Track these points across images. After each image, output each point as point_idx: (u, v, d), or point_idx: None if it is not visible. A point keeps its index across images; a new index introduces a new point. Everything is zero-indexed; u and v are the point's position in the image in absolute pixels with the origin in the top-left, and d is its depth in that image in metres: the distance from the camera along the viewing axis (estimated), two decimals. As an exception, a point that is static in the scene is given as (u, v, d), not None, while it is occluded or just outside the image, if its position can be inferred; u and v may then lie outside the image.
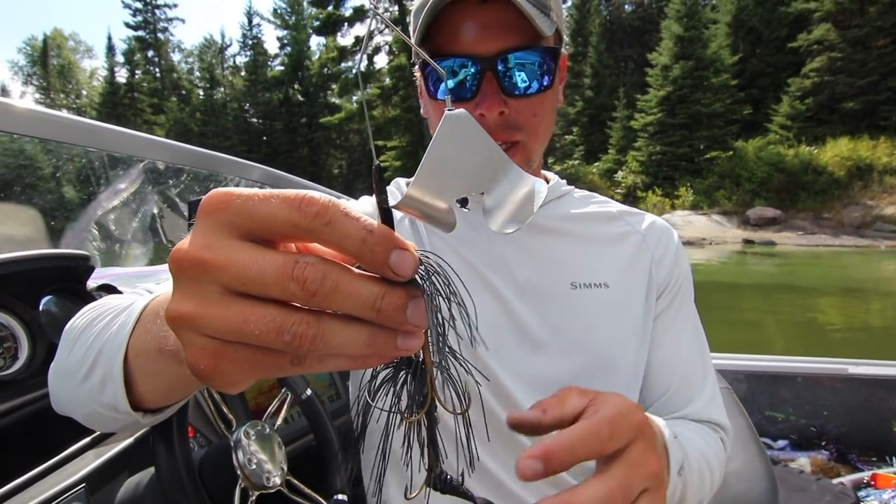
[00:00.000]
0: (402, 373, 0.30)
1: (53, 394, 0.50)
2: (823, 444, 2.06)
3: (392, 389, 0.30)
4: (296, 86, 41.39)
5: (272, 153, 39.49)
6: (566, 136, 33.31)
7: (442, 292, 0.26)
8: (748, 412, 2.11)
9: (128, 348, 0.40)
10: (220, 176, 1.38)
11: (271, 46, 46.61)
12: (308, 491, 0.73)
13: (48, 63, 47.22)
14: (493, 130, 0.63)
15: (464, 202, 0.27)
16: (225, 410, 0.76)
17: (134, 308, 0.42)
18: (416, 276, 0.24)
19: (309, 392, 0.79)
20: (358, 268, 0.24)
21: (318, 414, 0.78)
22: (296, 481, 0.72)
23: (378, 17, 0.28)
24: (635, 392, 0.73)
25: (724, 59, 25.81)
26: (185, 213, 1.15)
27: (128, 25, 44.52)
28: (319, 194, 0.23)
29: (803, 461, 1.98)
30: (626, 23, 36.07)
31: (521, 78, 0.62)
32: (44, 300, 0.98)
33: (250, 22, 44.25)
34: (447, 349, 0.28)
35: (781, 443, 2.09)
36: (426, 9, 0.60)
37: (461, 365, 0.30)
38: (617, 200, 0.83)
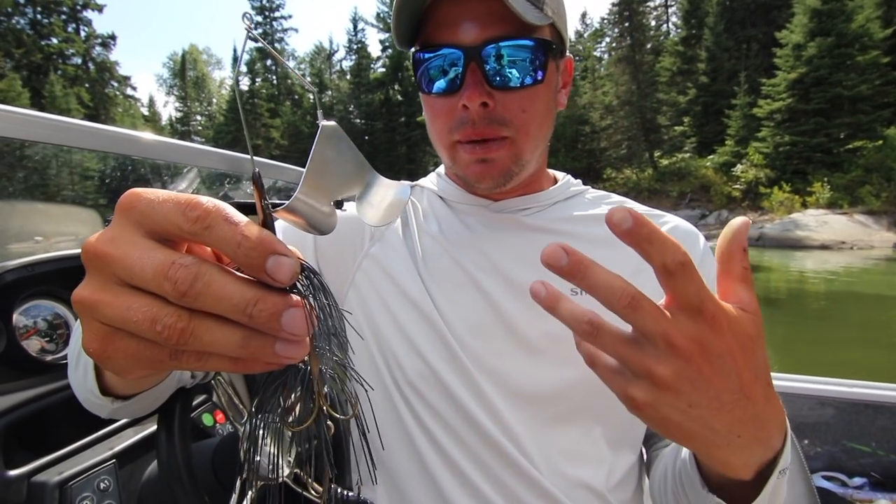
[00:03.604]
0: (289, 382, 0.31)
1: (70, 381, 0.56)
2: (914, 485, 1.67)
3: (281, 398, 0.31)
4: (396, 86, 42.91)
5: (373, 151, 41.43)
6: (675, 128, 30.92)
7: (325, 300, 0.27)
8: (822, 442, 1.74)
9: None
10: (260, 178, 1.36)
11: (374, 49, 48.84)
12: (314, 484, 0.69)
13: (185, 75, 53.68)
14: (477, 123, 0.61)
15: (339, 205, 0.29)
16: (236, 402, 0.78)
17: None
18: (300, 286, 0.26)
19: (325, 390, 0.71)
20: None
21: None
22: (303, 475, 0.68)
23: (250, 34, 0.29)
24: None
25: (874, 33, 22.12)
26: None
27: (250, 38, 49.02)
28: (207, 199, 0.24)
29: (883, 503, 1.68)
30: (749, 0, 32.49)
31: (509, 70, 0.60)
32: None
33: (355, 27, 46.65)
34: (333, 357, 0.29)
35: (858, 480, 1.77)
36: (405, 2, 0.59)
37: (350, 373, 0.31)
38: (735, 197, 0.58)
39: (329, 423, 0.32)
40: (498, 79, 0.60)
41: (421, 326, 0.66)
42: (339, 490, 0.45)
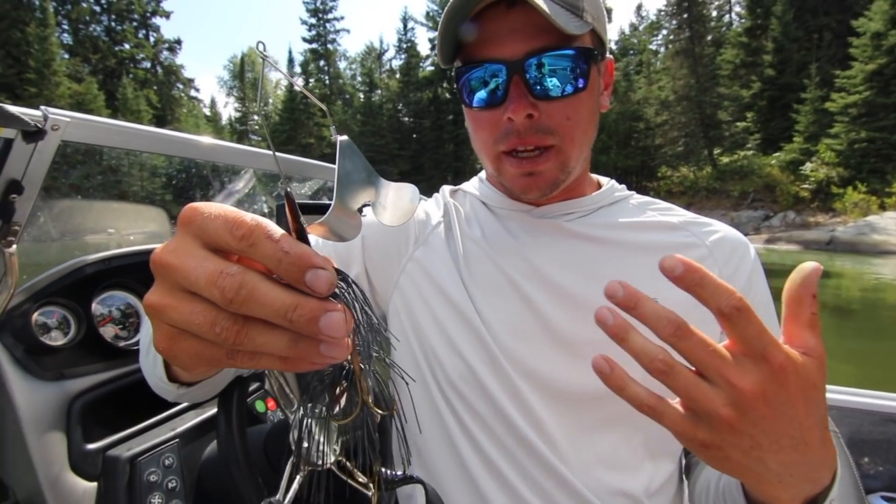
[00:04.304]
0: (335, 378, 0.34)
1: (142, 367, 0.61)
2: None
3: (326, 394, 0.34)
4: (444, 84, 43.04)
5: (420, 150, 41.77)
6: (737, 124, 29.28)
7: (359, 307, 0.29)
8: (883, 461, 1.61)
9: None
10: (310, 178, 1.45)
11: (423, 48, 49.14)
12: (357, 473, 0.72)
13: (244, 77, 56.14)
14: (523, 134, 0.62)
15: (360, 210, 0.32)
16: (287, 391, 0.83)
17: None
18: (337, 291, 0.28)
19: (370, 385, 0.76)
20: None
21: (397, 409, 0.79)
22: (348, 464, 0.71)
23: (266, 59, 0.31)
24: None
25: (970, 17, 20.12)
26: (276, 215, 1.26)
27: (304, 40, 50.91)
28: (251, 217, 0.27)
29: (950, 526, 1.51)
30: (823, -14, 30.28)
31: (551, 80, 0.61)
32: None
33: (405, 27, 47.17)
34: (373, 356, 0.31)
35: (923, 504, 1.60)
36: (449, 18, 0.60)
37: (385, 371, 0.33)
38: (804, 197, 0.55)
39: (374, 413, 0.34)
40: (541, 89, 0.61)
41: (462, 329, 0.67)
42: (386, 471, 0.49)
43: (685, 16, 34.54)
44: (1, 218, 0.83)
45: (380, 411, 0.34)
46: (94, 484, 0.90)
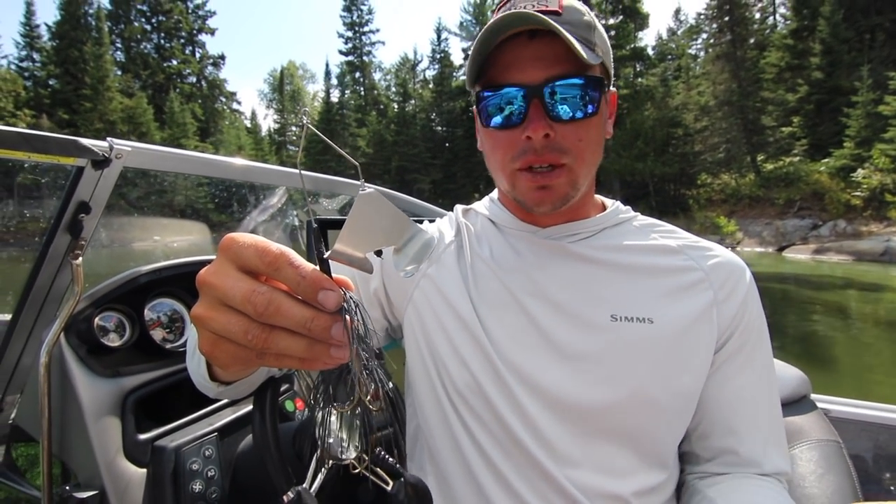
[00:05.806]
0: (341, 376, 0.40)
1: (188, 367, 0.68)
2: None
3: (328, 389, 0.42)
4: (478, 93, 43.11)
5: (453, 158, 41.96)
6: (783, 129, 28.11)
7: (360, 320, 0.36)
8: (892, 471, 1.53)
9: None
10: (339, 194, 1.55)
11: (456, 58, 49.53)
12: (377, 470, 0.78)
13: (283, 89, 57.99)
14: (540, 151, 0.68)
15: (379, 253, 0.37)
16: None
17: None
18: (345, 305, 0.34)
19: (391, 384, 0.83)
20: None
21: (395, 405, 0.87)
22: (366, 458, 0.77)
23: (308, 125, 0.36)
24: (676, 434, 0.73)
25: None
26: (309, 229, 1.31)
27: (341, 52, 52.15)
28: (277, 247, 0.33)
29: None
30: (875, -16, 28.86)
31: (566, 104, 0.67)
32: None
33: (439, 37, 47.71)
34: (367, 360, 0.37)
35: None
36: (479, 46, 0.66)
37: (377, 371, 0.39)
38: (855, 205, 0.60)
39: (382, 406, 0.40)
40: (557, 112, 0.67)
41: (468, 342, 0.73)
42: (381, 452, 0.57)
43: (726, 19, 33.54)
44: (71, 234, 0.95)
45: (373, 407, 0.40)
46: (144, 470, 1.00)
